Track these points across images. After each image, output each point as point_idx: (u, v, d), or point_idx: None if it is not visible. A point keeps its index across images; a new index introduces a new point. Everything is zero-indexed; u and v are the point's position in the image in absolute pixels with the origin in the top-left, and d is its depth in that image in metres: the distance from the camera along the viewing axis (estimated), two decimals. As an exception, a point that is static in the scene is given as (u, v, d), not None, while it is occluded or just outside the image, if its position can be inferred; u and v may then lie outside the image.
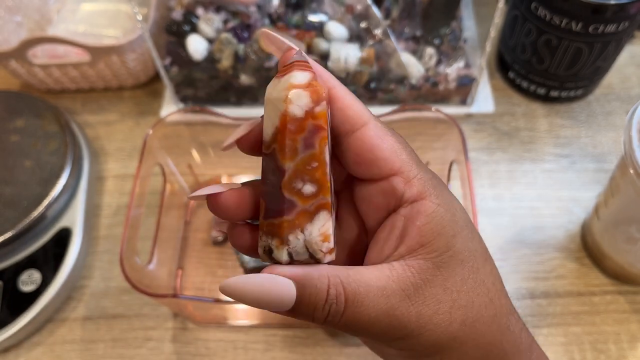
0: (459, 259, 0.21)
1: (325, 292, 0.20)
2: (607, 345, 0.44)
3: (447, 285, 0.21)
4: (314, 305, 0.20)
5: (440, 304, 0.21)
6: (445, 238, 0.21)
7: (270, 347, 0.45)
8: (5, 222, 0.46)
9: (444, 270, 0.21)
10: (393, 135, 0.22)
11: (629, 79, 0.59)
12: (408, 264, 0.21)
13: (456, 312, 0.21)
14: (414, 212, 0.21)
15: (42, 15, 0.63)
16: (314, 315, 0.20)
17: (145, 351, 0.45)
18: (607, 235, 0.44)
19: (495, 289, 0.22)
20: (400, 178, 0.21)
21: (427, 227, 0.21)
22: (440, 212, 0.21)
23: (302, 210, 0.20)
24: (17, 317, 0.44)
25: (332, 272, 0.20)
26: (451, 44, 0.54)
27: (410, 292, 0.21)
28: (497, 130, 0.56)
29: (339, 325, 0.21)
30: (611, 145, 0.54)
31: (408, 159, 0.22)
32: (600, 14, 0.46)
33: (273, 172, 0.20)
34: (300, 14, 0.54)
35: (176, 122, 0.46)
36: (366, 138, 0.21)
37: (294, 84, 0.20)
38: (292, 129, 0.20)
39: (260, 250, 0.21)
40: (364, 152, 0.21)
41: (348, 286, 0.20)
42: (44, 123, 0.52)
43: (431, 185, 0.22)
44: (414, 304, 0.21)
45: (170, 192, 0.48)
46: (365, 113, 0.22)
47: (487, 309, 0.22)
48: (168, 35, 0.55)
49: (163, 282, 0.46)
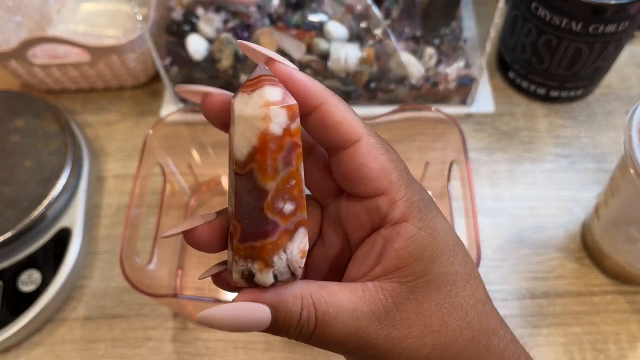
0: (435, 284, 0.21)
1: (299, 314, 0.20)
2: (607, 345, 0.44)
3: (420, 310, 0.21)
4: (287, 326, 0.20)
5: (411, 328, 0.21)
6: (422, 263, 0.21)
7: (270, 347, 0.45)
8: (5, 222, 0.46)
9: (418, 294, 0.21)
10: (386, 152, 0.22)
11: (629, 79, 0.59)
12: (382, 286, 0.21)
13: (427, 336, 0.21)
14: (393, 234, 0.21)
15: (42, 15, 0.63)
16: (287, 333, 0.21)
17: (145, 351, 0.45)
18: (607, 235, 0.44)
19: (475, 311, 0.22)
20: (386, 198, 0.21)
21: (404, 251, 0.21)
22: (421, 236, 0.21)
23: (284, 230, 0.20)
24: (17, 317, 0.44)
25: (306, 292, 0.21)
26: (451, 44, 0.54)
27: (381, 315, 0.21)
28: (497, 130, 0.56)
29: (309, 342, 0.21)
30: (611, 145, 0.54)
31: (397, 180, 0.21)
32: (600, 14, 0.46)
33: (250, 192, 0.19)
34: (300, 14, 0.54)
35: (176, 122, 0.46)
36: (356, 156, 0.21)
37: (270, 100, 0.19)
38: (272, 148, 0.19)
39: (237, 275, 0.20)
40: (352, 170, 0.21)
41: (319, 307, 0.20)
42: (44, 123, 0.52)
43: (416, 208, 0.21)
44: (383, 326, 0.21)
45: (170, 192, 0.48)
46: (359, 128, 0.21)
47: (463, 333, 0.22)
48: (168, 35, 0.55)
49: (163, 282, 0.46)
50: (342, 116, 0.21)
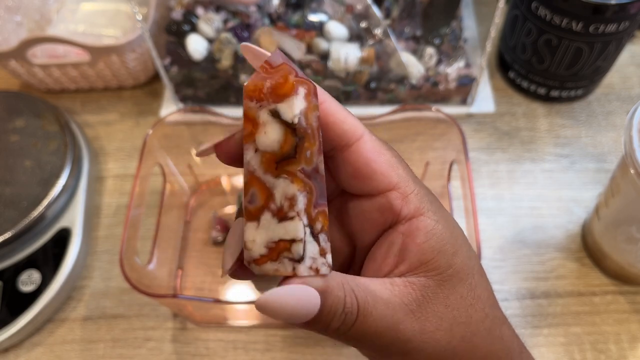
0: (459, 277, 0.21)
1: (344, 300, 0.20)
2: (607, 345, 0.44)
3: (448, 303, 0.21)
4: (333, 314, 0.20)
5: (442, 321, 0.21)
6: (446, 256, 0.21)
7: (270, 347, 0.45)
8: (5, 222, 0.46)
9: (445, 288, 0.21)
10: (389, 149, 0.22)
11: (630, 78, 0.59)
12: (410, 281, 0.21)
13: (456, 328, 0.21)
14: (412, 228, 0.21)
15: (42, 15, 0.63)
16: (330, 325, 0.20)
17: (145, 351, 0.45)
18: (608, 235, 0.44)
19: (489, 303, 0.23)
20: (397, 193, 0.21)
21: (427, 245, 0.21)
22: (440, 229, 0.21)
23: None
24: (17, 317, 0.44)
25: (345, 280, 0.20)
26: (451, 44, 0.54)
27: (414, 308, 0.21)
28: (497, 130, 0.56)
29: (347, 336, 0.20)
30: (611, 145, 0.54)
31: (405, 174, 0.21)
32: (601, 13, 0.46)
33: None
34: (300, 13, 0.54)
35: (176, 122, 0.46)
36: (363, 151, 0.21)
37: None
38: None
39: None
40: (360, 166, 0.21)
41: (359, 294, 0.20)
42: (44, 123, 0.52)
43: (428, 201, 0.21)
44: (417, 319, 0.21)
45: (170, 192, 0.48)
46: (360, 127, 0.21)
47: (484, 323, 0.22)
48: (168, 35, 0.55)
49: (163, 282, 0.46)
50: (343, 115, 0.21)
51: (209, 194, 0.53)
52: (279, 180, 0.19)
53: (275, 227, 0.19)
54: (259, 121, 0.19)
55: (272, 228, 0.19)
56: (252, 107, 0.19)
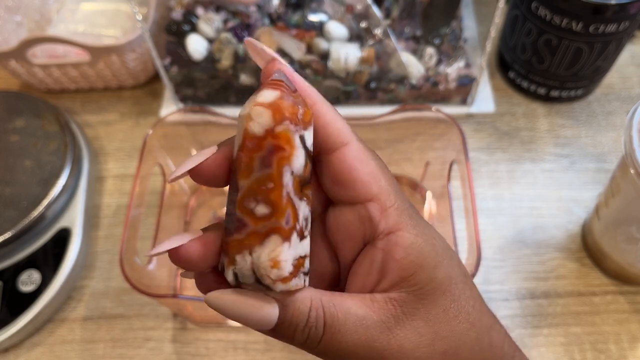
0: (441, 290, 0.21)
1: (307, 314, 0.20)
2: (607, 345, 0.44)
3: (429, 318, 0.21)
4: (294, 327, 0.20)
5: (422, 337, 0.21)
6: (427, 270, 0.21)
7: (270, 348, 0.45)
8: (5, 222, 0.46)
9: (426, 302, 0.21)
10: (374, 159, 0.22)
11: (630, 78, 0.59)
12: (390, 297, 0.21)
13: (438, 343, 0.21)
14: (391, 244, 0.21)
15: (42, 15, 0.63)
16: (294, 337, 0.20)
17: (145, 351, 0.45)
18: (608, 235, 0.44)
19: (475, 311, 0.22)
20: (376, 205, 0.21)
21: (407, 260, 0.21)
22: (419, 243, 0.21)
23: (253, 231, 0.19)
24: (17, 317, 0.44)
25: (315, 295, 0.20)
26: (451, 44, 0.54)
27: (391, 324, 0.20)
28: (497, 130, 0.56)
29: (316, 351, 0.21)
30: (611, 145, 0.54)
31: (386, 186, 0.21)
32: (601, 13, 0.46)
33: (234, 189, 0.20)
34: (300, 13, 0.54)
35: (176, 122, 0.46)
36: (346, 158, 0.21)
37: (259, 101, 0.19)
38: (249, 146, 0.19)
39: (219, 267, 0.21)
40: (342, 173, 0.21)
41: (328, 310, 0.20)
42: (44, 123, 0.52)
43: (407, 216, 0.21)
44: (394, 336, 0.20)
45: (170, 192, 0.48)
46: (348, 132, 0.21)
47: (469, 334, 0.22)
48: (168, 35, 0.55)
49: (163, 282, 0.46)
50: (332, 117, 0.21)
51: (209, 194, 0.53)
52: (302, 202, 0.20)
53: (297, 245, 0.20)
54: (295, 144, 0.19)
55: (296, 246, 0.20)
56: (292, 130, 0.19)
